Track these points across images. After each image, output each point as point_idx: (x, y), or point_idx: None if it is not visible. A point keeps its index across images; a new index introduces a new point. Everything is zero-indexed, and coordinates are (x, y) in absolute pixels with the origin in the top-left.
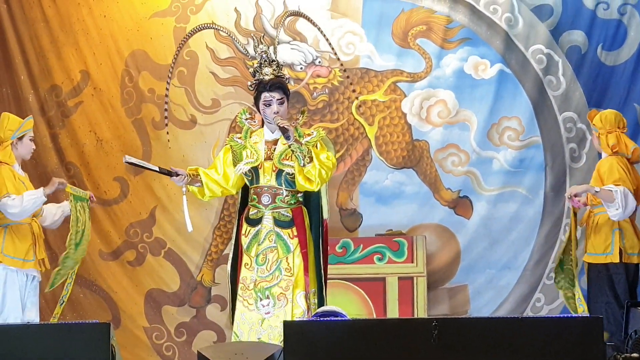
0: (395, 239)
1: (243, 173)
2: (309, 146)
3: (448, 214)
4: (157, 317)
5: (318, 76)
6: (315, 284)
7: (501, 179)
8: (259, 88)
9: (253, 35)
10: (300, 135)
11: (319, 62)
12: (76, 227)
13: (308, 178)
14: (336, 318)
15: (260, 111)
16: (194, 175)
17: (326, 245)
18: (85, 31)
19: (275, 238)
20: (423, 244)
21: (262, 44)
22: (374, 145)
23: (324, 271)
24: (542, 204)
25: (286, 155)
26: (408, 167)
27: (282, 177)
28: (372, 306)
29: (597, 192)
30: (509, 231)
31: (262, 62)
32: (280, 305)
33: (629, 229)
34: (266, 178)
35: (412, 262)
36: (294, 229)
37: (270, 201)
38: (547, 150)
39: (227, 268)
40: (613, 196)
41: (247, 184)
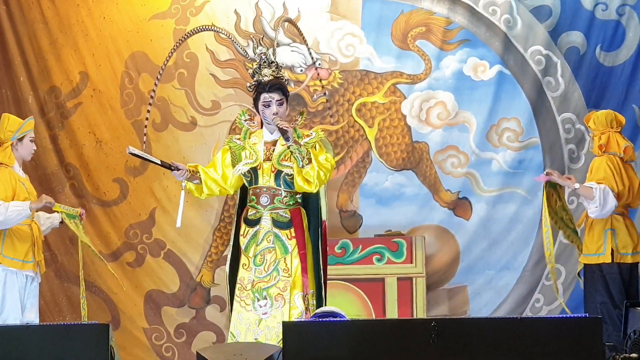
0: (394, 240)
1: (242, 174)
2: (308, 147)
3: (447, 215)
4: (157, 318)
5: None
6: (314, 285)
7: (500, 180)
8: (258, 89)
9: (252, 37)
10: (299, 136)
11: (319, 65)
12: (82, 238)
13: (307, 179)
14: (335, 319)
15: (259, 112)
16: (194, 172)
17: (325, 246)
18: (84, 32)
19: (273, 239)
20: (422, 245)
21: (262, 46)
22: (374, 147)
23: (324, 273)
24: (541, 205)
25: (285, 156)
26: (408, 169)
27: (281, 178)
28: (371, 307)
29: (577, 189)
30: (508, 232)
31: (262, 64)
32: (277, 306)
33: (622, 229)
34: (265, 179)
35: (411, 263)
36: (292, 230)
37: (268, 202)
38: (546, 151)
39: (226, 269)
40: (592, 193)
41: (246, 185)
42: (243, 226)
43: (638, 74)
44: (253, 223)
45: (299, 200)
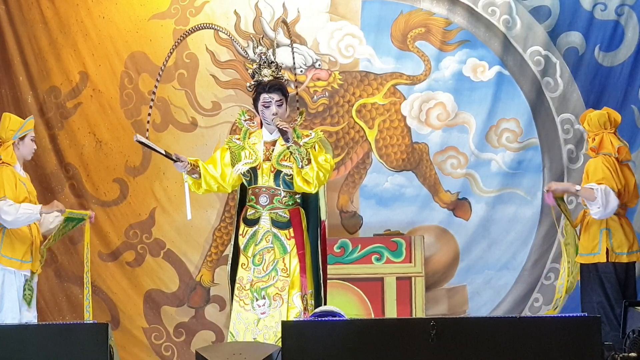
0: (393, 239)
1: (241, 173)
2: (307, 148)
3: (447, 216)
4: (156, 318)
5: (318, 79)
6: (312, 285)
7: (499, 181)
8: (258, 89)
9: (252, 37)
10: (298, 136)
11: (319, 65)
12: (54, 237)
13: (306, 180)
14: (334, 318)
15: (258, 112)
16: (194, 166)
17: (324, 247)
18: (84, 32)
19: (272, 239)
20: (421, 244)
21: (261, 46)
22: (374, 148)
23: (323, 273)
24: (540, 205)
25: (284, 156)
26: (408, 170)
27: (280, 178)
28: (370, 306)
29: (578, 191)
30: (508, 232)
31: (261, 64)
32: (275, 305)
33: (618, 228)
34: (264, 179)
35: (410, 262)
36: (291, 230)
37: (268, 202)
38: (545, 151)
39: (227, 268)
40: (594, 194)
41: (245, 185)
42: (242, 226)
43: (637, 74)
44: (252, 223)
45: (299, 200)
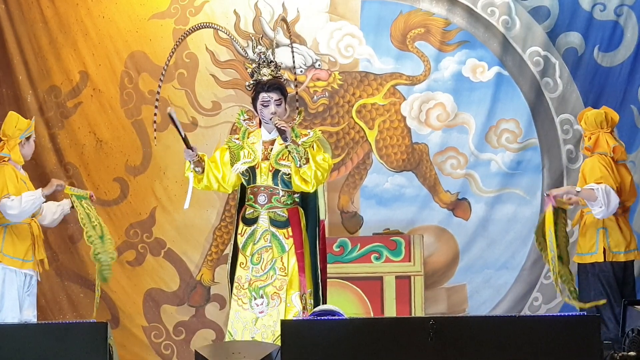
0: (392, 238)
1: (240, 173)
2: (306, 147)
3: (447, 216)
4: (156, 316)
5: (318, 79)
6: (311, 285)
7: (499, 181)
8: (257, 88)
9: (252, 36)
10: (297, 135)
11: (319, 65)
12: (90, 224)
13: (304, 179)
14: (333, 317)
15: (257, 112)
16: (200, 159)
17: (323, 246)
18: (84, 32)
19: (270, 238)
20: (420, 243)
21: (261, 45)
22: (374, 148)
23: (322, 272)
24: (540, 205)
25: (283, 155)
26: (408, 170)
27: (279, 177)
28: (370, 305)
29: (579, 193)
30: (507, 232)
31: (261, 63)
32: (273, 304)
33: (615, 228)
34: (263, 178)
35: (410, 261)
36: (289, 229)
37: (266, 201)
38: (545, 152)
39: (227, 267)
40: (595, 194)
41: (244, 184)
42: (241, 225)
43: (636, 75)
44: (250, 222)
45: (297, 199)
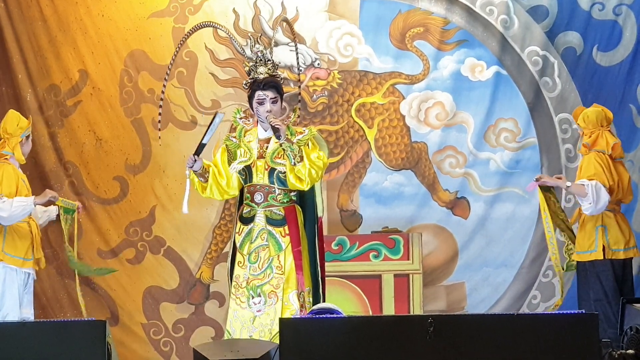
0: (391, 236)
1: (237, 172)
2: (300, 145)
3: (446, 215)
4: (155, 314)
5: (317, 78)
6: (310, 283)
7: (498, 180)
8: (253, 86)
9: (250, 35)
10: (292, 133)
11: (318, 64)
12: (66, 240)
13: (298, 177)
14: (332, 315)
15: (253, 110)
16: (205, 170)
17: (322, 243)
18: (83, 30)
19: (267, 236)
20: (419, 241)
21: (259, 44)
22: (374, 147)
23: (321, 269)
24: (538, 204)
25: (278, 153)
26: (407, 169)
27: (275, 176)
28: (368, 303)
29: (569, 187)
30: (506, 230)
31: (258, 61)
32: (270, 303)
33: (613, 225)
34: (259, 176)
35: (408, 260)
36: (286, 228)
37: (263, 199)
38: (543, 151)
39: (227, 265)
40: (585, 190)
41: (242, 183)
42: (238, 224)
43: (635, 74)
44: (247, 221)
45: (294, 197)
